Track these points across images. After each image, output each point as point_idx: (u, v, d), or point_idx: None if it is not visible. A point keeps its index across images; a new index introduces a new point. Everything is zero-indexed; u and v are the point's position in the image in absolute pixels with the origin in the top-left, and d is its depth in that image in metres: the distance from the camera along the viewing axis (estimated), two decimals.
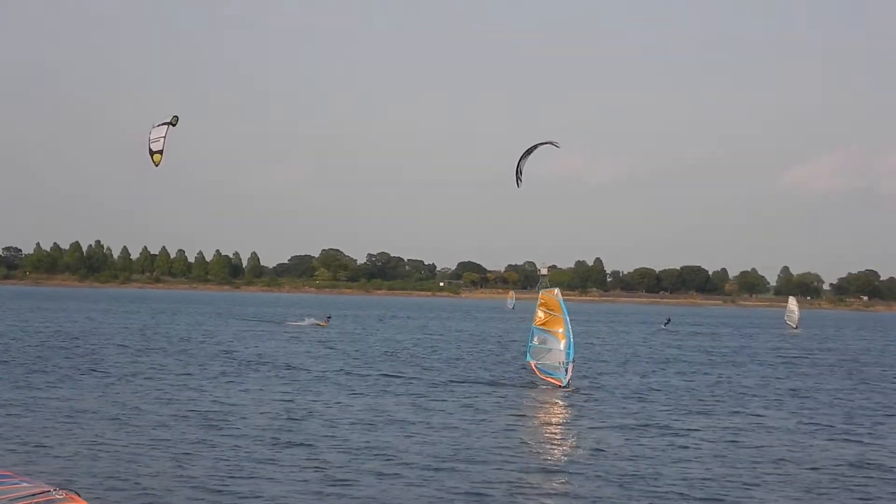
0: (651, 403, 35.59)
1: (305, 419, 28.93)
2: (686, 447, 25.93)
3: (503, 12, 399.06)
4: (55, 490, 13.57)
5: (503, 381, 41.65)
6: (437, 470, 21.89)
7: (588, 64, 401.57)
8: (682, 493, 20.41)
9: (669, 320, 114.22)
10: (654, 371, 49.67)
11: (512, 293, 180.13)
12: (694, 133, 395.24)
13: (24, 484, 13.97)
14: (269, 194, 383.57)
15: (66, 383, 36.25)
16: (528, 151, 38.04)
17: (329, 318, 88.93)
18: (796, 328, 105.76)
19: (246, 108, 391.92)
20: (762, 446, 26.50)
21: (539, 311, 39.83)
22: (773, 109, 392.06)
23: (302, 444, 24.61)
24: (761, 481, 21.81)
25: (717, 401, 36.93)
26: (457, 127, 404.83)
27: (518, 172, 38.26)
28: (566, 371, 38.25)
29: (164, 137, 28.27)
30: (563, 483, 21.08)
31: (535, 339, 39.97)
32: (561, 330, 38.47)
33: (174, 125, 28.63)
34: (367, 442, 25.27)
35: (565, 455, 24.52)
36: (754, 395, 39.26)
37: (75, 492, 13.72)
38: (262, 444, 24.54)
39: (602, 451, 24.89)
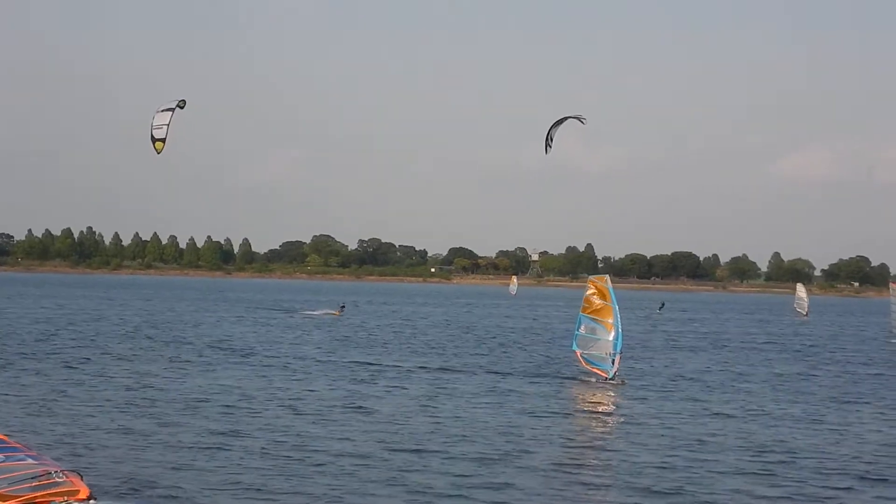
0: (711, 393, 35.05)
1: (373, 413, 28.59)
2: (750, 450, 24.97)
3: (495, 7, 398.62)
4: (56, 472, 13.75)
5: (544, 372, 40.27)
6: (465, 461, 21.91)
7: (583, 54, 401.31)
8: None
9: (664, 304, 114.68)
10: (697, 359, 49.02)
11: (514, 279, 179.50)
12: (686, 121, 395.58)
13: (30, 460, 14.17)
14: (260, 181, 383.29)
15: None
16: (559, 122, 36.80)
17: (343, 307, 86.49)
18: (806, 315, 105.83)
19: (238, 97, 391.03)
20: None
21: (587, 299, 37.88)
22: (766, 98, 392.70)
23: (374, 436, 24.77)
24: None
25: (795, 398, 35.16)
26: (449, 114, 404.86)
27: (548, 139, 36.95)
28: (613, 362, 36.48)
29: (168, 125, 26.92)
30: (599, 485, 20.46)
31: (583, 327, 38.00)
32: (610, 319, 36.59)
33: (182, 108, 27.19)
34: (425, 430, 25.61)
35: (602, 454, 23.63)
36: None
37: (78, 473, 13.91)
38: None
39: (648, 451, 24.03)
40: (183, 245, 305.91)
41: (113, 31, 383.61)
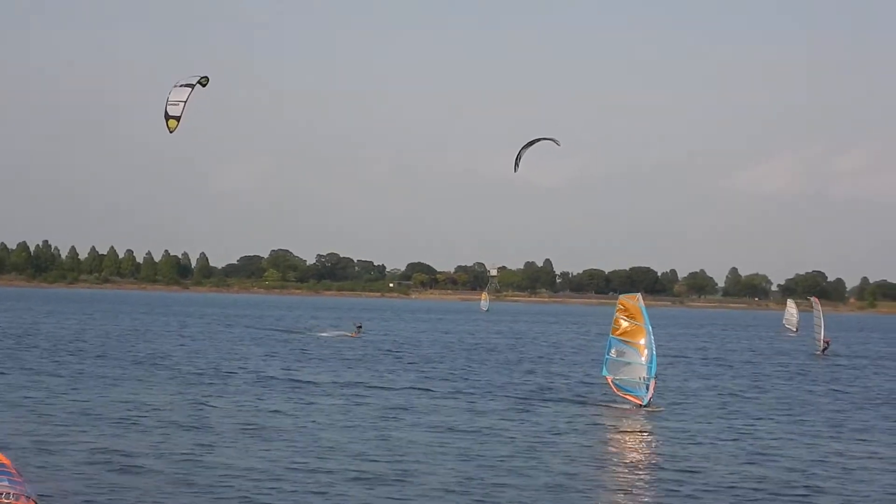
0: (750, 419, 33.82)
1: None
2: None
3: (459, 14, 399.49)
4: (8, 495, 13.62)
5: (576, 398, 38.16)
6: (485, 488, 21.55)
7: (540, 68, 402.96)
8: None
9: None
10: (724, 380, 48.43)
11: (485, 295, 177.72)
12: (643, 136, 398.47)
13: (5, 482, 14.08)
14: (218, 195, 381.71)
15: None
16: (531, 143, 35.96)
17: (360, 327, 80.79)
18: (796, 331, 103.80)
19: (197, 109, 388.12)
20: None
21: (618, 319, 35.55)
22: (723, 113, 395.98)
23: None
24: None
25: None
26: (408, 128, 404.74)
27: (518, 159, 36.01)
28: (647, 388, 34.35)
29: (185, 102, 24.93)
30: None
31: (613, 350, 35.62)
32: (643, 341, 34.55)
33: (203, 85, 25.10)
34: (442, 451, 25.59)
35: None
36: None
37: (34, 500, 13.75)
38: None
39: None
40: (140, 259, 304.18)
41: (68, 30, 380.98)
